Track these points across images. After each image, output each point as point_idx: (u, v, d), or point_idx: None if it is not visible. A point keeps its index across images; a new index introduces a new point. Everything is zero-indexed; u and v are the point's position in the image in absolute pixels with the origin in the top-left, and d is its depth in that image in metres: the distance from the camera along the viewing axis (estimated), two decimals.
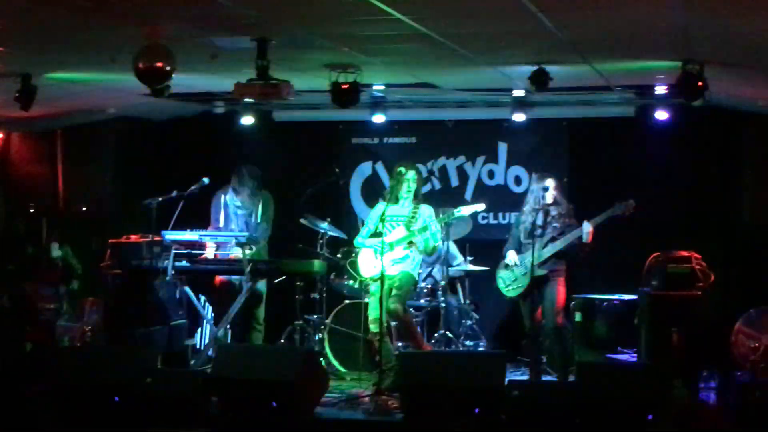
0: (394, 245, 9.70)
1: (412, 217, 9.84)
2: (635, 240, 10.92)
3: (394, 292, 9.76)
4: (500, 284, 10.12)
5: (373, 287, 9.86)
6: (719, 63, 8.50)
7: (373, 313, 9.72)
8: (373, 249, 9.79)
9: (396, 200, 9.91)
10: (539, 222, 9.82)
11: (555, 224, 9.82)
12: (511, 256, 9.98)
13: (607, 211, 9.66)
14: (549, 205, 9.86)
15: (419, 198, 10.00)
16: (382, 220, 9.73)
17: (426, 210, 9.93)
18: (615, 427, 7.98)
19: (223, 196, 10.60)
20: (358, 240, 10.18)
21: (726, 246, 11.12)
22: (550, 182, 9.92)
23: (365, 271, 10.06)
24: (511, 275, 9.97)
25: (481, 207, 10.04)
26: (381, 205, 10.01)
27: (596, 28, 7.54)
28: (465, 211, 9.88)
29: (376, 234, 9.83)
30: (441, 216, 9.86)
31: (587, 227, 9.59)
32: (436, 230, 9.78)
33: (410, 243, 9.78)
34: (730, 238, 11.22)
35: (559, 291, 9.77)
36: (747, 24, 7.00)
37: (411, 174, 9.89)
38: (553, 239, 9.76)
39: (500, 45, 8.21)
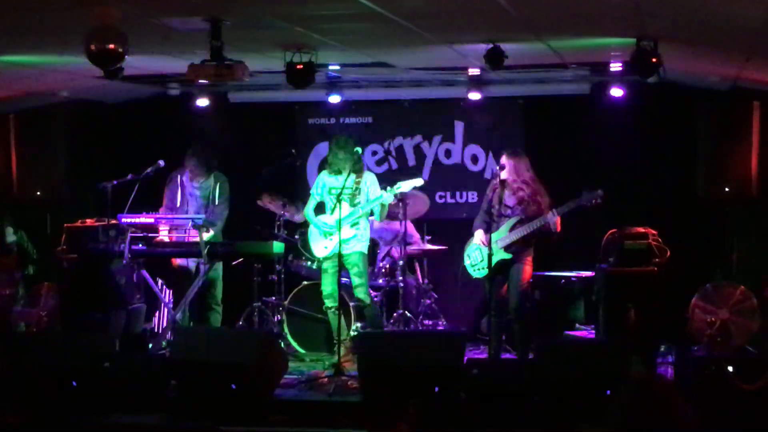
0: (342, 224, 9.65)
1: (355, 189, 9.88)
2: (592, 217, 10.92)
3: (357, 281, 9.83)
4: (467, 264, 10.00)
5: (326, 264, 9.94)
6: (673, 39, 8.55)
7: (327, 288, 9.83)
8: (321, 231, 9.90)
9: (338, 172, 9.94)
10: (509, 202, 9.72)
11: (525, 206, 9.62)
12: (478, 236, 9.83)
13: (574, 200, 9.54)
14: (519, 185, 9.72)
15: (361, 167, 10.06)
16: (330, 192, 9.89)
17: (368, 178, 10.02)
18: (574, 403, 8.04)
19: (179, 176, 10.51)
20: (307, 213, 10.21)
21: (681, 222, 11.19)
22: (504, 159, 9.77)
23: (316, 250, 10.14)
24: (479, 255, 9.80)
25: (419, 182, 10.07)
26: (325, 175, 10.13)
27: (550, 5, 7.55)
28: (405, 186, 9.84)
29: (323, 206, 10.04)
30: (381, 193, 9.80)
31: (553, 218, 9.51)
32: (379, 197, 9.79)
33: (355, 224, 9.86)
34: (685, 213, 11.29)
35: (525, 270, 9.68)
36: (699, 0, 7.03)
37: (351, 148, 9.88)
38: (521, 221, 9.63)
39: (454, 23, 8.22)
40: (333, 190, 9.92)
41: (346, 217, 9.73)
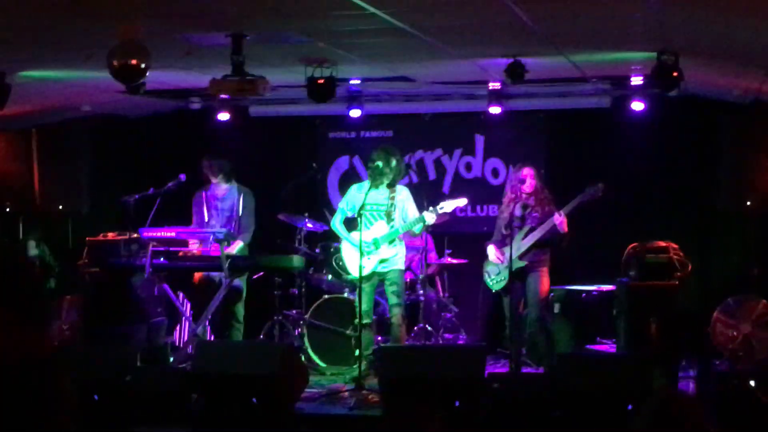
0: (380, 243, 9.65)
1: (391, 205, 9.79)
2: (613, 230, 10.96)
3: (394, 299, 9.77)
4: (486, 278, 10.10)
5: (364, 283, 9.72)
6: (694, 53, 8.55)
7: (365, 306, 9.75)
8: (360, 250, 9.63)
9: (376, 186, 9.84)
10: (518, 213, 9.82)
11: (534, 213, 9.82)
12: (490, 252, 9.96)
13: (577, 197, 9.67)
14: (528, 195, 9.86)
15: (396, 182, 9.95)
16: (361, 209, 9.70)
17: (403, 191, 9.93)
18: (595, 418, 8.01)
19: (203, 193, 10.57)
20: (334, 225, 10.10)
21: (703, 235, 11.17)
22: (527, 171, 9.93)
23: (353, 268, 9.88)
24: (496, 269, 9.95)
25: (462, 202, 10.05)
26: (356, 189, 10.02)
27: (571, 20, 7.56)
28: (447, 207, 9.78)
29: (354, 221, 9.84)
30: (424, 214, 9.73)
31: (558, 218, 9.60)
32: (422, 217, 9.73)
33: (392, 240, 9.76)
34: (706, 227, 11.27)
35: (542, 281, 9.77)
36: (721, 15, 7.03)
37: (389, 160, 9.80)
38: (532, 229, 9.78)
39: (475, 38, 8.23)
40: (368, 205, 9.80)
41: (385, 236, 9.73)
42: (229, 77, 7.99)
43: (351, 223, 10.03)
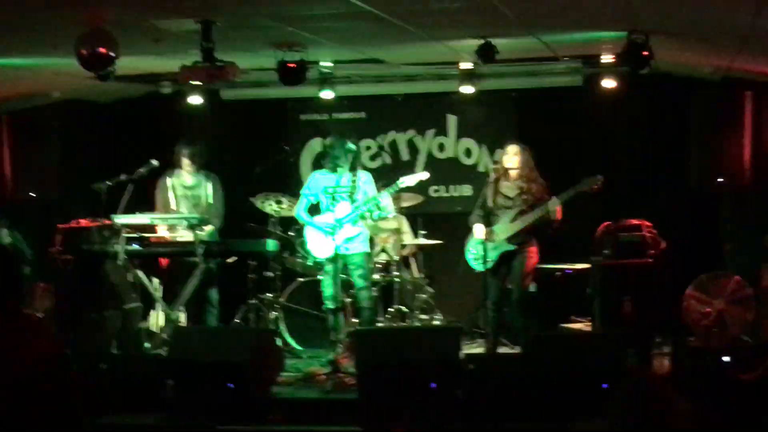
0: (343, 222, 9.61)
1: (353, 187, 9.69)
2: (586, 209, 10.94)
3: (360, 282, 9.70)
4: (470, 257, 9.91)
5: (328, 265, 9.71)
6: (664, 32, 8.55)
7: (327, 290, 9.69)
8: (323, 231, 9.63)
9: (334, 169, 9.78)
10: (509, 193, 9.70)
11: (526, 196, 9.64)
12: (477, 230, 9.72)
13: (575, 187, 9.53)
14: (519, 175, 9.71)
15: (357, 166, 9.87)
16: (325, 192, 9.69)
17: (363, 176, 9.82)
18: (571, 397, 8.04)
19: (169, 179, 10.52)
20: (299, 213, 9.98)
21: (675, 213, 11.19)
22: (512, 149, 9.78)
23: (317, 251, 9.84)
24: (482, 249, 9.63)
25: (425, 176, 9.92)
26: (318, 174, 9.94)
27: (541, 1, 7.55)
28: (408, 181, 9.71)
29: (317, 207, 9.80)
30: (386, 189, 9.72)
31: (555, 204, 9.51)
32: (387, 202, 9.69)
33: (360, 218, 9.71)
34: (678, 204, 11.29)
35: (529, 262, 9.66)
36: None
37: (349, 144, 9.73)
38: (523, 212, 9.64)
39: (446, 20, 8.21)
40: (329, 188, 9.76)
41: (348, 215, 9.63)
42: (199, 64, 7.95)
43: (314, 211, 9.97)
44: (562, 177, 10.00)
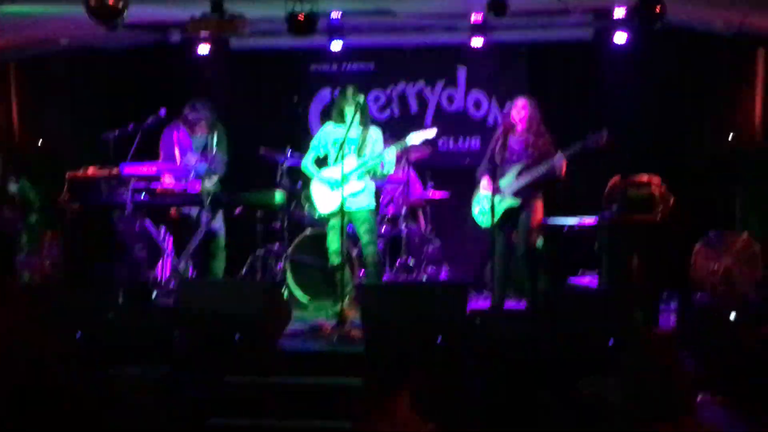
0: (348, 177, 9.48)
1: (362, 142, 9.53)
2: (595, 164, 10.89)
3: (366, 237, 9.56)
4: (475, 212, 9.87)
5: (333, 220, 9.58)
6: None
7: (333, 245, 9.63)
8: (328, 183, 9.54)
9: (342, 121, 9.56)
10: (516, 147, 9.64)
11: (531, 150, 9.58)
12: (484, 185, 9.69)
13: (579, 143, 9.43)
14: (526, 129, 9.64)
15: (368, 121, 9.64)
16: (335, 144, 9.57)
17: (375, 133, 9.62)
18: (577, 353, 8.05)
19: (175, 133, 10.48)
20: (306, 166, 9.79)
21: (685, 169, 11.14)
22: (522, 103, 9.66)
23: (322, 206, 9.70)
24: (487, 203, 9.59)
25: (432, 133, 9.64)
26: (329, 126, 9.75)
27: None
28: (415, 138, 9.48)
29: (325, 159, 9.72)
30: (393, 145, 9.57)
31: (560, 160, 9.45)
32: (391, 159, 9.60)
33: (366, 173, 9.62)
34: (689, 161, 11.24)
35: (535, 216, 9.61)
36: None
37: (360, 98, 9.52)
38: (528, 167, 9.56)
39: None
40: (338, 141, 9.51)
41: (354, 169, 9.48)
42: (209, 15, 7.89)
43: (322, 164, 9.82)
44: (570, 132, 9.90)
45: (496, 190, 9.54)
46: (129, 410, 7.75)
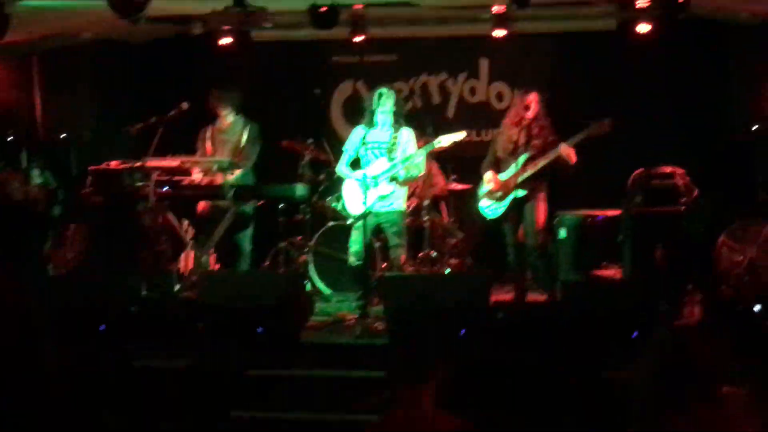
0: (378, 179, 9.43)
1: (393, 144, 9.50)
2: (619, 155, 10.86)
3: (395, 240, 9.50)
4: (481, 205, 9.96)
5: (358, 221, 9.47)
6: None
7: (355, 245, 9.54)
8: (359, 184, 9.43)
9: (374, 124, 9.55)
10: (521, 140, 9.67)
11: (536, 142, 9.61)
12: (487, 177, 9.81)
13: (583, 131, 9.44)
14: (531, 121, 9.67)
15: (401, 122, 9.61)
16: (363, 144, 9.56)
17: (406, 134, 9.57)
18: (600, 345, 8.02)
19: (211, 128, 10.50)
20: (340, 168, 9.76)
21: (709, 160, 11.07)
22: (532, 97, 9.68)
23: (352, 207, 9.60)
24: (492, 197, 9.78)
25: (461, 136, 9.57)
26: (360, 129, 9.69)
27: None
28: (445, 141, 9.46)
29: (357, 162, 9.67)
30: (422, 149, 9.51)
31: (565, 149, 9.42)
32: (420, 161, 9.57)
33: (394, 177, 9.51)
34: (713, 151, 11.17)
35: (539, 209, 9.64)
36: None
37: (390, 96, 9.50)
38: (533, 158, 9.58)
39: None
40: (369, 143, 9.52)
41: (384, 172, 9.39)
42: (230, 9, 7.88)
43: (355, 167, 9.76)
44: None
45: (498, 184, 9.62)
46: (152, 402, 7.79)
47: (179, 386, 7.98)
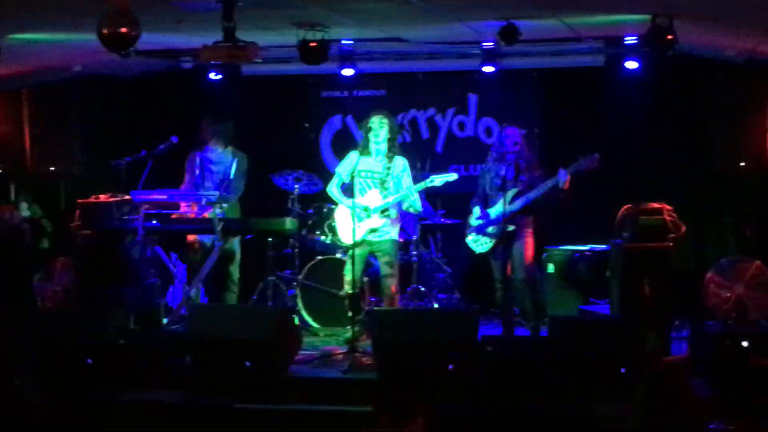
0: (371, 213, 9.51)
1: (386, 174, 9.56)
2: (607, 191, 10.92)
3: (386, 270, 9.55)
4: (469, 240, 10.05)
5: (350, 251, 9.54)
6: (688, 15, 8.48)
7: (348, 275, 9.59)
8: (351, 213, 9.46)
9: (368, 152, 9.60)
10: (509, 175, 9.72)
11: (522, 177, 9.73)
12: (477, 214, 9.94)
13: (573, 165, 9.54)
14: (517, 157, 9.76)
15: (394, 150, 9.64)
16: (353, 174, 9.60)
17: (400, 163, 9.63)
18: (588, 380, 8.03)
19: (198, 155, 10.52)
20: (331, 190, 9.79)
21: (696, 196, 11.14)
22: (510, 132, 9.85)
23: (345, 236, 9.67)
24: (481, 231, 9.90)
25: (453, 177, 9.65)
26: (353, 155, 9.68)
27: None
28: (437, 181, 9.53)
29: (350, 189, 9.69)
30: (416, 186, 9.54)
31: (564, 175, 9.49)
32: (416, 198, 9.61)
33: (384, 210, 9.53)
34: (700, 188, 11.24)
35: (527, 245, 9.75)
36: None
37: (384, 123, 9.53)
38: (520, 193, 9.68)
39: (469, 2, 8.16)
40: (363, 172, 9.59)
41: (379, 207, 9.50)
42: (221, 44, 7.91)
43: (346, 192, 9.79)
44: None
45: (488, 218, 9.73)
46: None
47: (167, 420, 7.95)
